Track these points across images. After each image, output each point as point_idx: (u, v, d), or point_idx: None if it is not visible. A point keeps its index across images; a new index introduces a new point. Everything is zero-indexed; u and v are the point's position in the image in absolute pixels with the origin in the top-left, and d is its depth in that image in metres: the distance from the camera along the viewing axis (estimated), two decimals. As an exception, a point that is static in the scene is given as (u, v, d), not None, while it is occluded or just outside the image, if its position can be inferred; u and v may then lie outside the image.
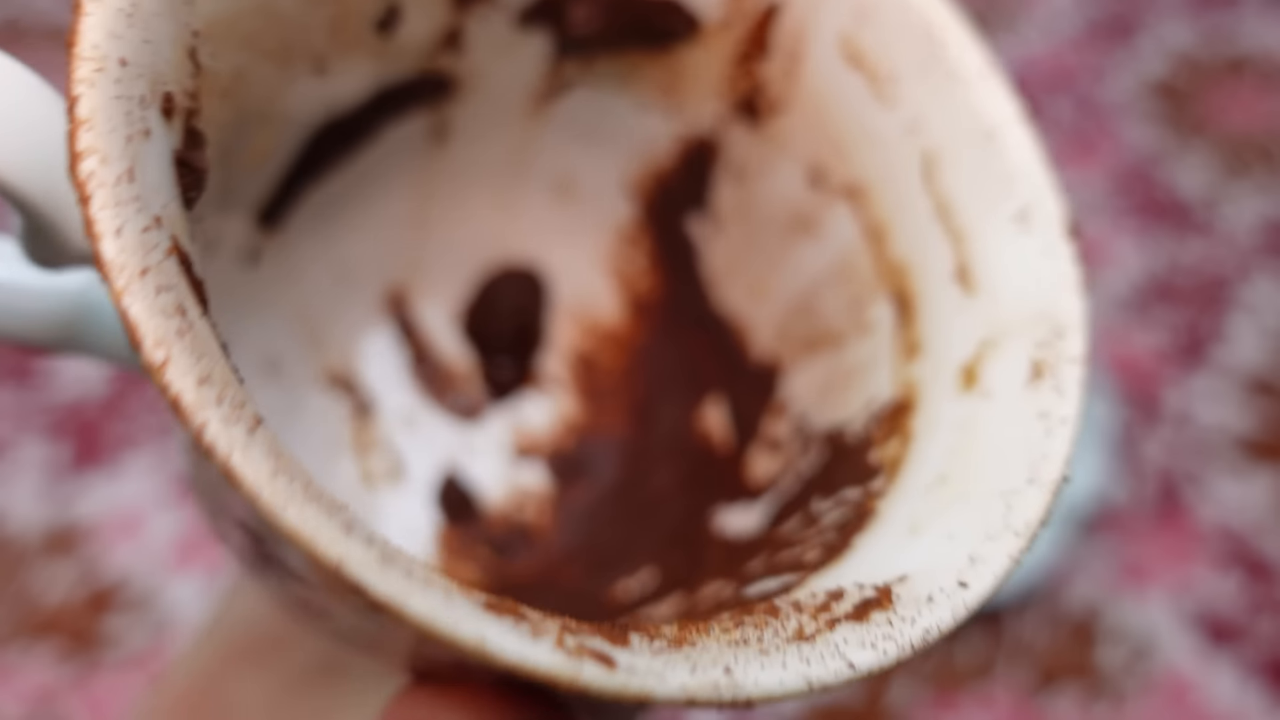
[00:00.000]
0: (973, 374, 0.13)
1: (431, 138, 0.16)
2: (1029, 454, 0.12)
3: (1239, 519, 0.45)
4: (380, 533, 0.09)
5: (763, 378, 0.16)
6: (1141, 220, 0.57)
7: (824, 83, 0.15)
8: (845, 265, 0.15)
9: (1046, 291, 0.13)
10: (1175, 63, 0.66)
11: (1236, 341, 0.51)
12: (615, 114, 0.16)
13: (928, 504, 0.12)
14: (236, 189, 0.14)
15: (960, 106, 0.14)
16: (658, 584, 0.15)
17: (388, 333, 0.18)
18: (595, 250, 0.18)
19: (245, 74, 0.12)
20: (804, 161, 0.15)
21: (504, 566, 0.11)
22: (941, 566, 0.11)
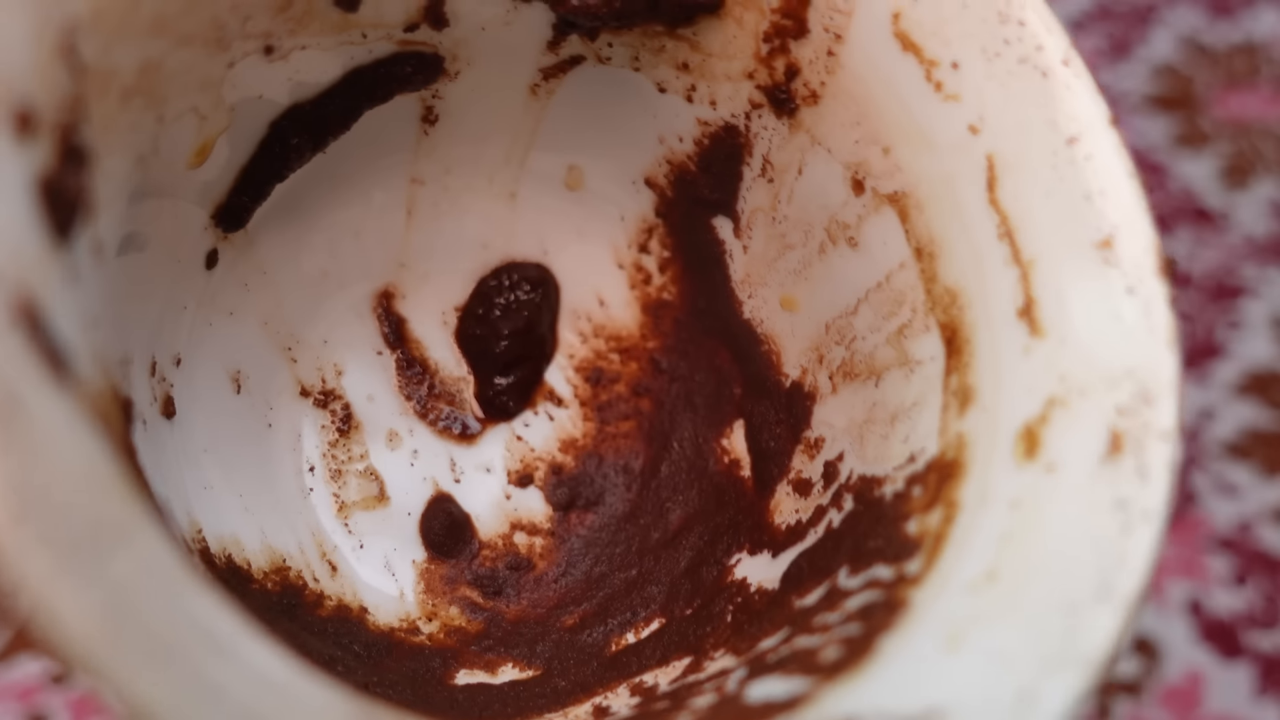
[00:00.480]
0: (1035, 439, 0.10)
1: (420, 122, 0.14)
2: (1100, 556, 0.09)
3: (1254, 521, 0.44)
4: None
5: (794, 405, 0.14)
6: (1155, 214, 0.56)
7: (870, 69, 0.12)
8: (889, 286, 0.13)
9: (1132, 343, 0.10)
10: (1188, 51, 0.65)
11: (1251, 339, 0.51)
12: (629, 96, 0.14)
13: (971, 607, 0.10)
14: (173, 189, 0.12)
15: (1036, 104, 0.11)
16: (662, 645, 0.13)
17: (373, 339, 0.15)
18: (607, 248, 0.16)
19: (159, 65, 0.11)
20: (845, 160, 0.13)
21: (494, 607, 0.09)
22: (983, 702, 0.08)
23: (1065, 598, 0.09)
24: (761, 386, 0.15)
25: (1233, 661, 0.40)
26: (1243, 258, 0.54)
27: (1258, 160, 0.59)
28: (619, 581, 0.15)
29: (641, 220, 0.15)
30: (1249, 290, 0.52)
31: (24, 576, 0.08)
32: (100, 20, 0.09)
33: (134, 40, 0.10)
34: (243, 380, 0.13)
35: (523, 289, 0.16)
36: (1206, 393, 0.48)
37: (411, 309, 0.16)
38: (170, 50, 0.10)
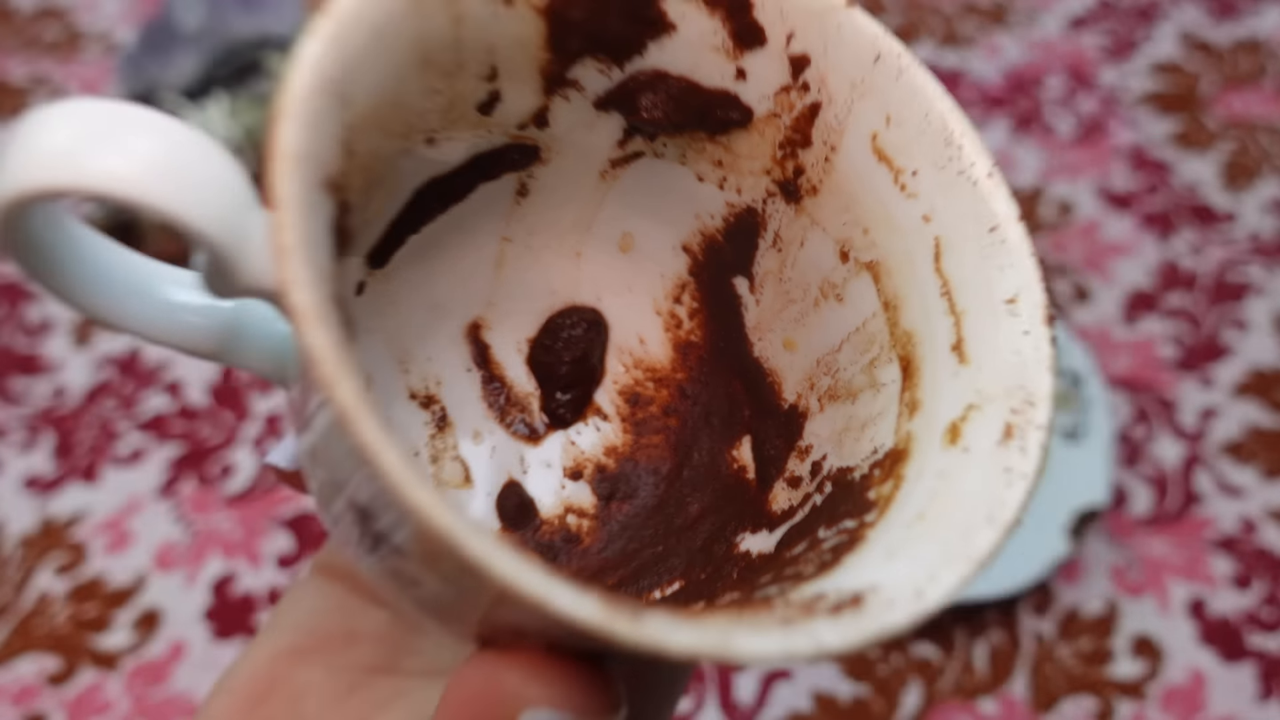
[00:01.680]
0: (957, 431, 0.15)
1: (515, 195, 0.19)
2: (990, 501, 0.14)
3: (1258, 522, 0.44)
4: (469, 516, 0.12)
5: (790, 422, 0.18)
6: (1158, 213, 0.56)
7: (855, 172, 0.17)
8: (864, 331, 0.17)
9: (1025, 367, 0.15)
10: (1191, 49, 0.65)
11: (1255, 339, 0.50)
12: (675, 183, 0.19)
13: (906, 535, 0.14)
14: (357, 236, 0.16)
15: (968, 203, 0.16)
16: (682, 598, 0.17)
17: (465, 360, 0.20)
18: (649, 299, 0.20)
19: (378, 151, 0.15)
20: (835, 237, 0.18)
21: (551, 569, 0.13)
22: (906, 581, 0.13)
23: (964, 525, 0.14)
24: (765, 409, 0.19)
25: (1236, 663, 0.40)
26: (1247, 257, 0.54)
27: (1262, 159, 0.58)
28: (648, 555, 0.19)
29: (677, 278, 0.20)
30: (1253, 289, 0.52)
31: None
32: (358, 125, 0.14)
33: (371, 136, 0.15)
34: (370, 382, 0.17)
35: (580, 327, 0.20)
36: (1210, 394, 0.48)
37: (495, 338, 0.20)
38: (384, 141, 0.15)
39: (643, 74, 0.17)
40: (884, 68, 0.16)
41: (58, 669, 0.40)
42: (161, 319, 0.16)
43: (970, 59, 0.65)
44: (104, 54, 0.65)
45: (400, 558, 0.14)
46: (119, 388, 0.49)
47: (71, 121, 0.13)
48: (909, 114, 0.16)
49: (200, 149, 0.13)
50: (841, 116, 0.17)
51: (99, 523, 0.44)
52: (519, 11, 0.16)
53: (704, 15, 0.16)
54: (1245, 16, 0.67)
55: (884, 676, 0.40)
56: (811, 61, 0.17)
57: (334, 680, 0.21)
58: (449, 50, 0.15)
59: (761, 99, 0.17)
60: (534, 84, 0.17)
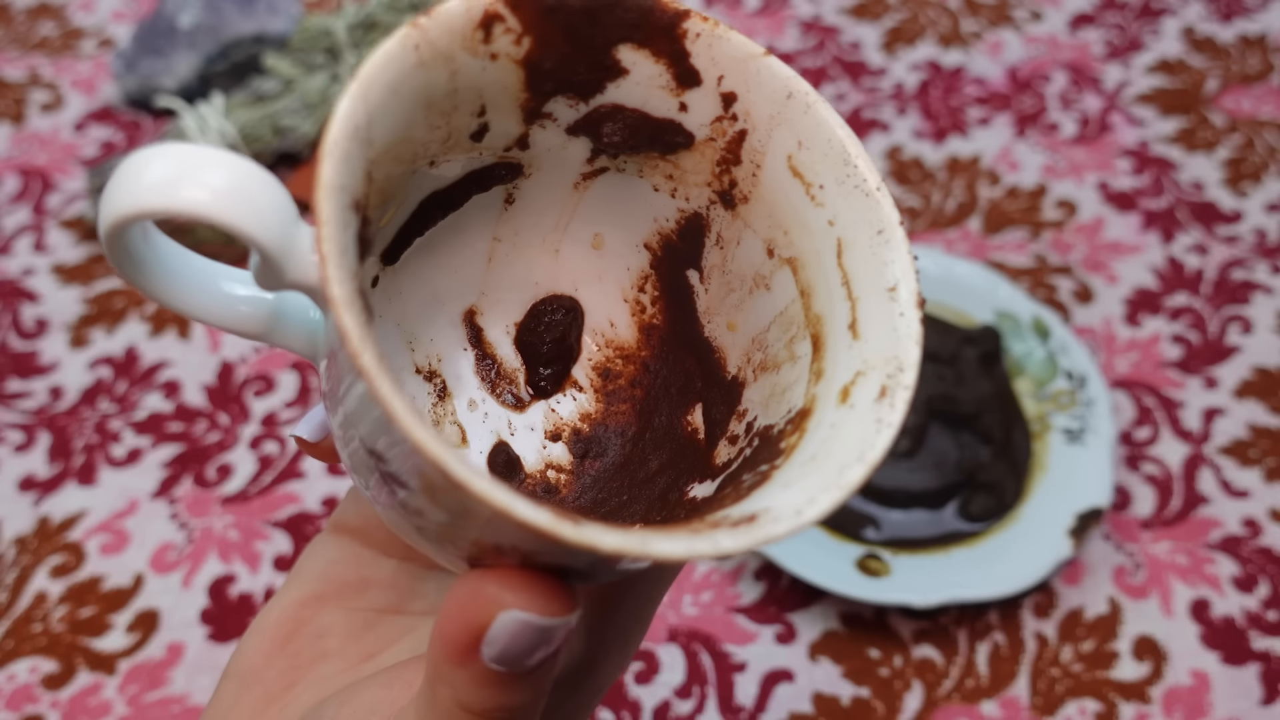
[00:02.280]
0: (847, 393, 0.19)
1: (503, 203, 0.23)
2: (863, 444, 0.17)
3: (1260, 522, 0.44)
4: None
5: (732, 391, 0.22)
6: (1161, 212, 0.56)
7: (776, 185, 0.21)
8: (786, 314, 0.21)
9: (899, 341, 0.18)
10: (1197, 47, 0.64)
11: (1258, 338, 0.50)
12: (635, 192, 0.22)
13: (801, 471, 0.18)
14: (374, 242, 0.20)
15: (861, 210, 0.20)
16: None
17: (462, 340, 0.24)
18: (617, 288, 0.24)
19: (390, 175, 0.19)
20: (762, 238, 0.21)
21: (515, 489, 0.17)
22: (790, 504, 0.17)
23: (841, 463, 0.17)
24: (713, 380, 0.23)
25: (1239, 665, 0.40)
26: (1251, 256, 0.53)
27: (1268, 157, 0.58)
28: (615, 503, 0.23)
29: (640, 271, 0.24)
30: (1258, 289, 0.52)
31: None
32: (378, 158, 0.18)
33: (387, 165, 0.19)
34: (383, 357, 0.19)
35: (560, 313, 0.24)
36: (1213, 394, 0.48)
37: (487, 322, 0.24)
38: (396, 168, 0.19)
39: (604, 107, 0.21)
40: (794, 103, 0.20)
41: (54, 671, 0.40)
42: (221, 308, 0.21)
43: (973, 56, 0.64)
44: (100, 52, 0.65)
45: (407, 491, 0.18)
46: (115, 388, 0.48)
47: (165, 159, 0.17)
48: (815, 139, 0.20)
49: (260, 181, 0.18)
50: (763, 141, 0.21)
51: (95, 524, 0.44)
52: (502, 64, 0.20)
53: (651, 62, 0.20)
54: (1251, 13, 0.67)
55: (885, 678, 0.39)
56: (738, 98, 0.21)
57: (350, 620, 0.25)
58: (447, 96, 0.19)
59: (700, 126, 0.21)
60: (516, 117, 0.21)
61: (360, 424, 0.19)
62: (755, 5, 0.68)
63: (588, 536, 0.15)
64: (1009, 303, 0.49)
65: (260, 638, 0.25)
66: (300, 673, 0.24)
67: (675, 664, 0.40)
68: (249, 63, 0.59)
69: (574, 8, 0.20)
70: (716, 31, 0.20)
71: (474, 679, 0.19)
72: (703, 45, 0.20)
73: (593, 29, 0.20)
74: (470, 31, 0.19)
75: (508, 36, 0.19)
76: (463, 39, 0.19)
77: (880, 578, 0.40)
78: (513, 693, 0.19)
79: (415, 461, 0.17)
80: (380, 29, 0.58)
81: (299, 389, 0.48)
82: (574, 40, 0.20)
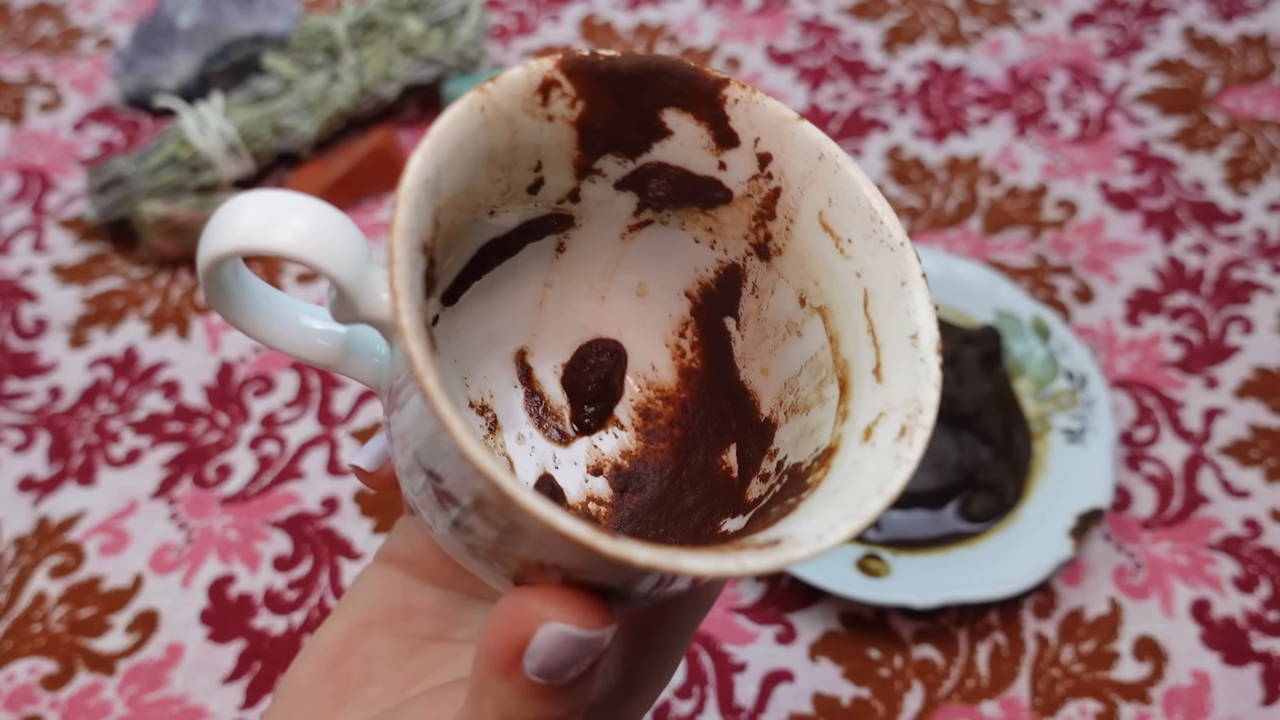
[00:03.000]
0: (870, 432, 0.20)
1: (555, 251, 0.24)
2: (882, 479, 0.19)
3: (1261, 522, 0.44)
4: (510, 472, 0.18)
5: (765, 432, 0.23)
6: (1162, 211, 0.56)
7: (808, 239, 0.22)
8: (816, 359, 0.22)
9: (919, 385, 0.20)
10: (1198, 46, 0.64)
11: (1259, 338, 0.50)
12: (677, 244, 0.24)
13: (824, 503, 0.19)
14: (438, 282, 0.22)
15: (887, 263, 0.21)
16: None
17: (513, 378, 0.25)
18: (659, 334, 0.25)
19: (455, 222, 0.21)
20: (795, 288, 0.23)
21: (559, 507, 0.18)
22: (812, 531, 0.18)
23: (861, 495, 0.18)
24: (747, 422, 0.24)
25: (1240, 666, 0.40)
26: (1252, 256, 0.53)
27: (1269, 157, 0.58)
28: (651, 536, 0.24)
29: (681, 318, 0.25)
30: (1259, 289, 0.52)
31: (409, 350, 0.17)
32: (445, 205, 0.20)
33: (452, 212, 0.21)
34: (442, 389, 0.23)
35: (605, 356, 0.25)
36: (1214, 394, 0.48)
37: (536, 362, 0.25)
38: (460, 215, 0.21)
39: (650, 164, 0.23)
40: (825, 163, 0.22)
41: (53, 672, 0.40)
42: (300, 340, 0.23)
43: (973, 56, 0.64)
44: (99, 51, 0.65)
45: (459, 509, 0.20)
46: (115, 389, 0.48)
47: (258, 205, 0.20)
48: (844, 197, 0.21)
49: (339, 225, 0.20)
50: (796, 198, 0.22)
51: (95, 524, 0.44)
52: (558, 125, 0.21)
53: (693, 124, 0.22)
54: (1252, 13, 0.67)
55: (885, 679, 0.39)
56: (773, 158, 0.22)
57: (396, 646, 0.26)
58: (508, 153, 0.21)
59: (738, 183, 0.22)
60: (569, 172, 0.23)
61: (420, 445, 0.20)
62: (755, 4, 0.68)
63: (623, 550, 0.16)
64: (1009, 303, 0.49)
65: (311, 661, 0.26)
66: (348, 694, 0.25)
67: (675, 664, 0.40)
68: (248, 62, 0.59)
69: (623, 75, 0.21)
70: (754, 98, 0.22)
71: (516, 691, 0.20)
72: (741, 110, 0.22)
73: (640, 94, 0.22)
74: (530, 96, 0.21)
75: (563, 100, 0.21)
76: (524, 102, 0.21)
77: (880, 578, 0.40)
78: (553, 706, 0.20)
79: (469, 477, 0.19)
80: (380, 28, 0.58)
81: (298, 389, 0.48)
82: (623, 104, 0.22)
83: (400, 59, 0.58)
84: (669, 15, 0.67)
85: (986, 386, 0.46)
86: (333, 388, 0.48)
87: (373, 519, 0.44)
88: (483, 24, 0.60)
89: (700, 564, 0.17)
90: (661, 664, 0.24)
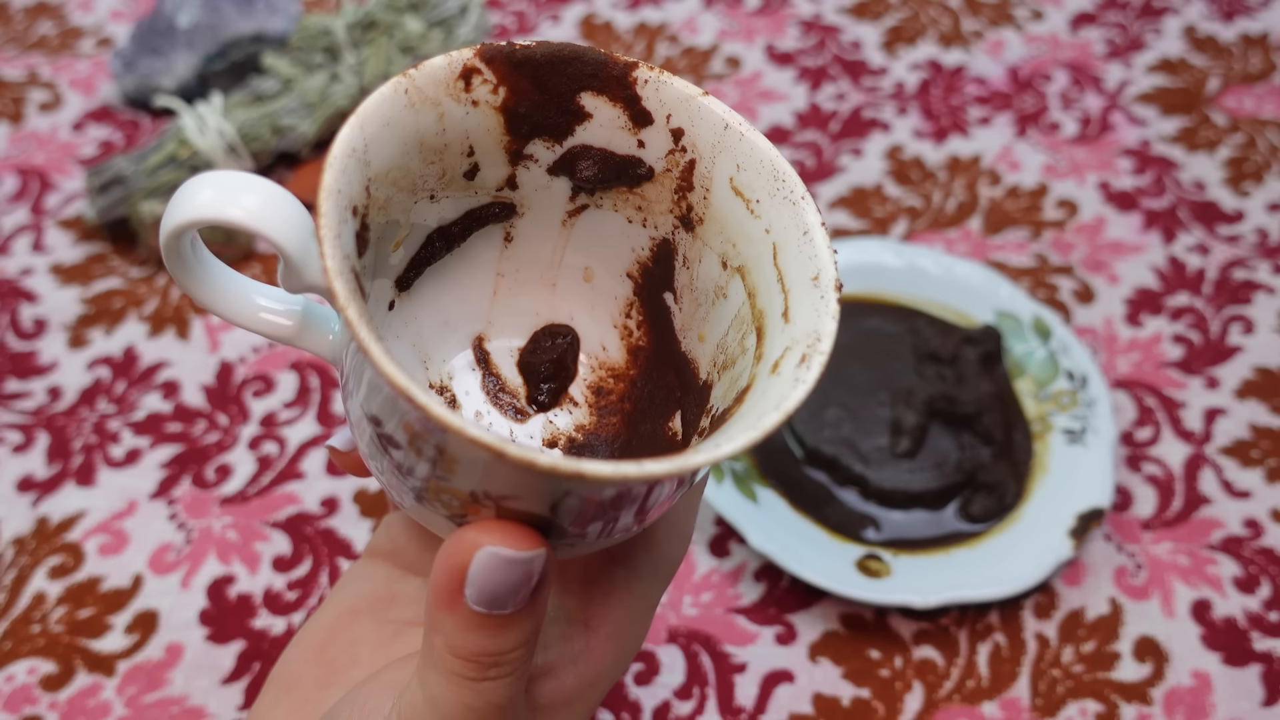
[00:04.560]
0: (777, 365, 0.21)
1: (503, 240, 0.26)
2: (780, 398, 0.20)
3: (1262, 522, 0.44)
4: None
5: (703, 394, 0.25)
6: (1163, 211, 0.56)
7: (723, 204, 0.24)
8: (739, 315, 0.24)
9: (820, 319, 0.21)
10: (1199, 45, 0.64)
11: (1260, 338, 0.50)
12: (613, 226, 0.26)
13: (734, 427, 0.20)
14: (384, 265, 0.24)
15: (789, 216, 0.22)
16: None
17: (470, 362, 0.27)
18: (608, 316, 0.27)
19: (391, 197, 0.23)
20: (717, 253, 0.24)
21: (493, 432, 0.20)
22: (712, 443, 0.19)
23: (761, 412, 0.20)
24: (689, 388, 0.25)
25: (1241, 667, 0.40)
26: (1253, 256, 0.53)
27: (1270, 157, 0.58)
28: None
29: (626, 299, 0.27)
30: (1260, 289, 0.52)
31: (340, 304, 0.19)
32: (376, 177, 0.22)
33: (385, 186, 0.22)
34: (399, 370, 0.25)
35: (559, 339, 0.27)
36: (1215, 394, 0.48)
37: (493, 347, 0.27)
38: (396, 192, 0.23)
39: (575, 148, 0.24)
40: (731, 132, 0.23)
41: (52, 672, 0.40)
42: (252, 314, 0.24)
43: (974, 56, 0.64)
44: (98, 51, 0.65)
45: (400, 451, 0.21)
46: (114, 389, 0.48)
47: (215, 183, 0.22)
48: (749, 161, 0.23)
49: (286, 201, 0.22)
50: (709, 167, 0.23)
51: (94, 525, 0.44)
52: (483, 110, 0.23)
53: (609, 106, 0.24)
54: (1253, 12, 0.67)
55: (886, 679, 0.39)
56: (685, 132, 0.24)
57: (380, 631, 0.27)
58: (438, 136, 0.23)
59: (657, 159, 0.24)
60: (501, 158, 0.24)
61: (363, 394, 0.22)
62: (755, 4, 0.68)
63: (528, 454, 0.17)
64: (1010, 303, 0.49)
65: (300, 648, 0.28)
66: (334, 677, 0.27)
67: (675, 665, 0.40)
68: (248, 62, 0.59)
69: (539, 61, 0.23)
70: (661, 78, 0.23)
71: (461, 623, 0.21)
72: (651, 90, 0.23)
73: (557, 79, 0.23)
74: (452, 81, 0.23)
75: (485, 86, 0.23)
76: (446, 87, 0.22)
77: (880, 578, 0.40)
78: (497, 638, 0.21)
79: (397, 407, 0.21)
80: (379, 28, 0.58)
81: (298, 389, 0.48)
82: (542, 88, 0.23)
83: (400, 59, 0.58)
84: (669, 15, 0.67)
85: (987, 386, 0.46)
86: (332, 388, 0.48)
87: (372, 519, 0.44)
88: (482, 24, 0.60)
89: (600, 469, 0.18)
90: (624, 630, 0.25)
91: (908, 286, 0.50)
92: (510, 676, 0.22)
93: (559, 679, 0.24)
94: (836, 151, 0.59)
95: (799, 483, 0.44)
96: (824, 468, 0.44)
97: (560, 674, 0.24)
